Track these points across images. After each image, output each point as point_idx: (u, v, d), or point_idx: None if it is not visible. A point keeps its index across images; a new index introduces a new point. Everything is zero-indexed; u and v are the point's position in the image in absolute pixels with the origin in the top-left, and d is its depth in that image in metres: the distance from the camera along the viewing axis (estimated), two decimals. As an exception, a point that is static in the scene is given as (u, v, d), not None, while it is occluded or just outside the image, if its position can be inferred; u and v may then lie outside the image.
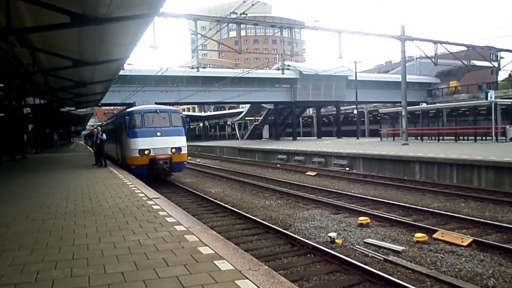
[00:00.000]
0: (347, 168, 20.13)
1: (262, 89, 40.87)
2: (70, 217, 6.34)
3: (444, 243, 7.18)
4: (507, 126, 25.25)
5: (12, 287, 3.39)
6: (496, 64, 38.85)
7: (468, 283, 5.40)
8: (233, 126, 69.96)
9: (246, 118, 61.68)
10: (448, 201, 11.41)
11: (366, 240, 7.47)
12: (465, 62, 31.79)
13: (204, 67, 35.41)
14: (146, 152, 15.17)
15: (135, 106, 17.58)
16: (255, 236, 8.12)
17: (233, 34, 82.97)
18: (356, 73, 40.04)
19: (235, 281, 3.44)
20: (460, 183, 14.35)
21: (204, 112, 79.82)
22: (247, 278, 3.51)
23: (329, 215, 9.82)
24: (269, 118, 52.92)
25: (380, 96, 49.63)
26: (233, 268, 3.79)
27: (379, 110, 40.98)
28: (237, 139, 60.97)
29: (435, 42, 28.36)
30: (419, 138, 30.49)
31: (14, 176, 13.57)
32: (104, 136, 17.00)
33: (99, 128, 18.61)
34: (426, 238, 7.35)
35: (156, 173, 15.69)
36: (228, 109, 73.54)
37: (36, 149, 31.04)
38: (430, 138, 29.81)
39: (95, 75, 18.50)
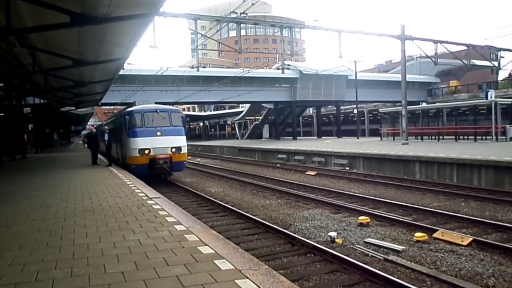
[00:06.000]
0: (347, 168, 20.13)
1: (262, 88, 40.85)
2: (70, 216, 6.34)
3: (444, 243, 7.18)
4: (507, 126, 25.23)
5: (12, 287, 3.39)
6: (496, 63, 38.75)
7: (468, 282, 5.40)
8: (233, 125, 69.93)
9: (246, 118, 61.65)
10: (448, 201, 11.41)
11: (366, 240, 7.48)
12: (465, 62, 31.75)
13: (204, 67, 35.34)
14: (146, 151, 15.17)
15: (135, 105, 17.60)
16: (255, 236, 8.12)
17: (233, 33, 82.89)
18: (356, 72, 40.01)
19: (235, 281, 3.44)
20: (460, 182, 14.35)
21: (204, 111, 79.79)
22: (247, 278, 3.51)
23: (329, 215, 9.82)
24: (269, 117, 52.90)
25: (380, 96, 49.60)
26: (233, 267, 3.79)
27: (379, 109, 40.96)
28: (237, 138, 60.95)
29: (435, 42, 28.33)
30: (419, 137, 30.48)
31: (14, 175, 13.56)
32: (106, 136, 17.04)
33: (106, 128, 18.58)
34: (426, 237, 7.35)
35: (156, 173, 15.69)
36: (228, 108, 73.54)
37: (36, 149, 31.03)
38: (430, 137, 29.80)
39: (95, 74, 18.51)
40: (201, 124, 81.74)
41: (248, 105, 56.30)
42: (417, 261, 6.33)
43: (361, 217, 8.88)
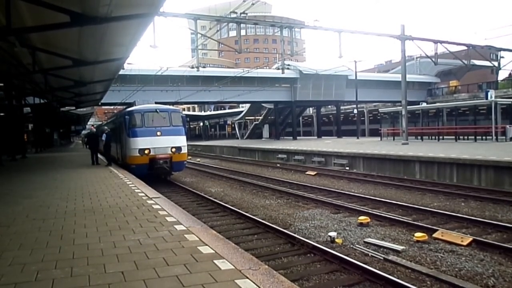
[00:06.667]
0: (347, 168, 20.13)
1: (262, 88, 40.85)
2: (70, 216, 6.34)
3: (444, 243, 7.18)
4: (507, 126, 25.23)
5: (12, 286, 3.39)
6: (496, 63, 38.80)
7: (468, 282, 5.40)
8: (233, 125, 69.91)
9: (246, 118, 61.63)
10: (448, 201, 11.41)
11: (366, 240, 7.48)
12: (465, 62, 31.77)
13: (204, 67, 35.38)
14: (146, 151, 15.18)
15: (135, 105, 17.60)
16: (255, 236, 8.12)
17: (233, 33, 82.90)
18: (356, 72, 40.01)
19: (235, 281, 3.44)
20: (460, 182, 14.34)
21: (204, 111, 79.78)
22: (247, 278, 3.52)
23: (329, 215, 9.82)
24: (269, 117, 52.90)
25: (380, 96, 49.59)
26: (233, 267, 3.80)
27: (379, 109, 40.93)
28: (237, 138, 60.94)
29: (435, 42, 28.33)
30: (419, 137, 30.48)
31: (14, 175, 13.56)
32: (104, 137, 17.08)
33: (105, 128, 18.58)
34: (426, 237, 7.35)
35: (156, 173, 15.70)
36: (228, 108, 73.53)
37: (36, 149, 31.04)
38: (430, 137, 29.80)
39: (95, 74, 18.52)
40: (201, 124, 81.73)
41: (248, 105, 56.31)
42: (417, 261, 6.33)
43: (361, 217, 8.88)
